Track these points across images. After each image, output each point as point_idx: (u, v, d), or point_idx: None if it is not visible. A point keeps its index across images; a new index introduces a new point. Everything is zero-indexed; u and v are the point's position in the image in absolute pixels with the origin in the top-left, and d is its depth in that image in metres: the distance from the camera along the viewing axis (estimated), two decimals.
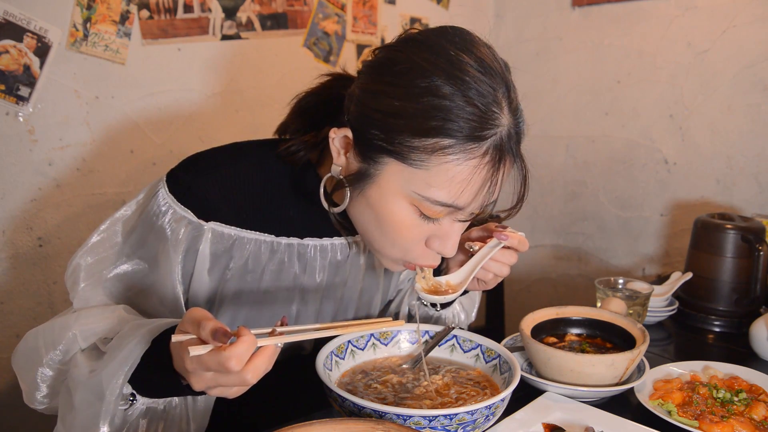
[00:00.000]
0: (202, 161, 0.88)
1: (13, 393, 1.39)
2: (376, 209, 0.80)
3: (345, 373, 0.91)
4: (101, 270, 0.87)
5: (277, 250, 0.90)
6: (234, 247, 0.88)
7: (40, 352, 0.81)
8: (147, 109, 1.48)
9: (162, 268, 0.86)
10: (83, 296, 0.86)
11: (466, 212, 0.79)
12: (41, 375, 0.82)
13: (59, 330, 0.81)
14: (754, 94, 1.69)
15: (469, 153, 0.73)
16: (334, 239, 0.95)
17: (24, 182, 1.33)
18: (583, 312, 1.08)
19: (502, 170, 0.78)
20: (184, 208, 0.84)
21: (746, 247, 1.32)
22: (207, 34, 1.54)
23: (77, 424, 0.75)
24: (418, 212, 0.78)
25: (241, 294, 0.91)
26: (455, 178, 0.74)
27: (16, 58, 1.27)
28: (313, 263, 0.94)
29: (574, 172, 2.12)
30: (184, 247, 0.85)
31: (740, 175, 1.74)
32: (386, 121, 0.75)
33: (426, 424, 0.72)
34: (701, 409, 0.90)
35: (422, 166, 0.74)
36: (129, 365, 0.72)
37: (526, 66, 2.20)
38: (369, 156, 0.78)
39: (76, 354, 0.80)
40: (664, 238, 1.92)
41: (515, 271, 2.32)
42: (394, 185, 0.77)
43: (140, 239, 0.87)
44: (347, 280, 0.99)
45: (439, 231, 0.81)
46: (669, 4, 1.81)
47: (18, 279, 1.35)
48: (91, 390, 0.73)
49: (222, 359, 0.60)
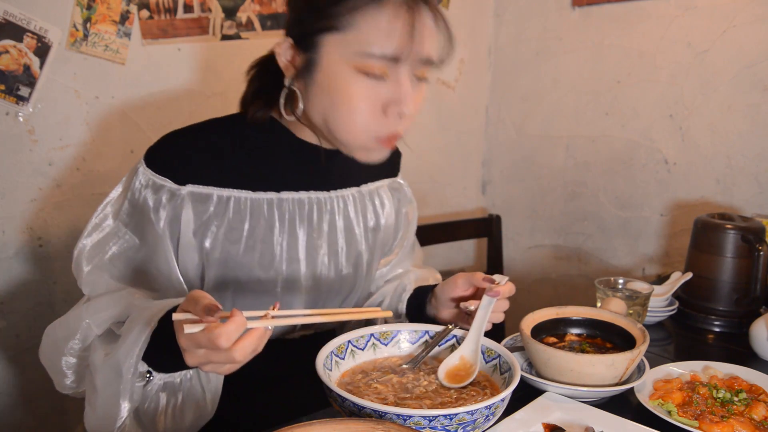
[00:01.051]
0: (175, 134, 0.95)
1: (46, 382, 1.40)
2: (328, 90, 0.87)
3: (345, 373, 0.91)
4: (100, 253, 0.93)
5: (256, 206, 0.96)
6: (214, 205, 0.93)
7: (60, 344, 0.88)
8: (147, 109, 1.48)
9: (151, 241, 0.92)
10: (89, 280, 0.92)
11: (406, 64, 0.85)
12: (66, 363, 0.89)
13: (74, 321, 0.87)
14: (754, 94, 1.69)
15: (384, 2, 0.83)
16: (310, 193, 1.01)
17: (24, 182, 1.33)
18: (583, 312, 1.08)
19: (419, 14, 0.84)
20: (162, 178, 0.91)
21: (746, 247, 1.32)
22: (207, 34, 1.54)
23: (100, 403, 0.82)
24: (363, 75, 0.85)
25: (228, 256, 0.95)
26: (379, 26, 0.82)
27: (16, 58, 1.27)
28: (292, 217, 0.99)
29: (574, 172, 2.12)
30: (167, 215, 0.91)
31: (740, 175, 1.74)
32: (312, 3, 0.86)
33: (426, 424, 0.72)
34: (701, 409, 0.90)
35: (351, 27, 0.83)
36: (140, 345, 0.78)
37: (526, 66, 2.20)
38: (309, 44, 0.87)
39: (94, 340, 0.86)
40: (664, 238, 1.92)
41: (515, 271, 2.33)
42: (336, 57, 0.85)
43: (128, 217, 0.93)
44: (327, 236, 1.04)
45: (391, 94, 0.87)
46: (669, 4, 1.81)
47: (18, 279, 1.35)
48: (109, 370, 0.80)
49: (212, 337, 0.66)
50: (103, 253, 0.93)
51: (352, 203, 1.08)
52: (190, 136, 0.95)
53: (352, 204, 1.08)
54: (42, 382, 1.41)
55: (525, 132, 2.25)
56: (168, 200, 0.91)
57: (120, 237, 0.94)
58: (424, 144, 2.16)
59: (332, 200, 1.05)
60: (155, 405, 0.85)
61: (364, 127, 0.89)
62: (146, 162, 0.93)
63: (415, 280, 1.19)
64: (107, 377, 0.80)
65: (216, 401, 0.90)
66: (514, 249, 2.33)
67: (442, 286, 1.05)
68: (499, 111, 2.32)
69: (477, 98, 2.31)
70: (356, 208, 1.09)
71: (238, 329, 0.67)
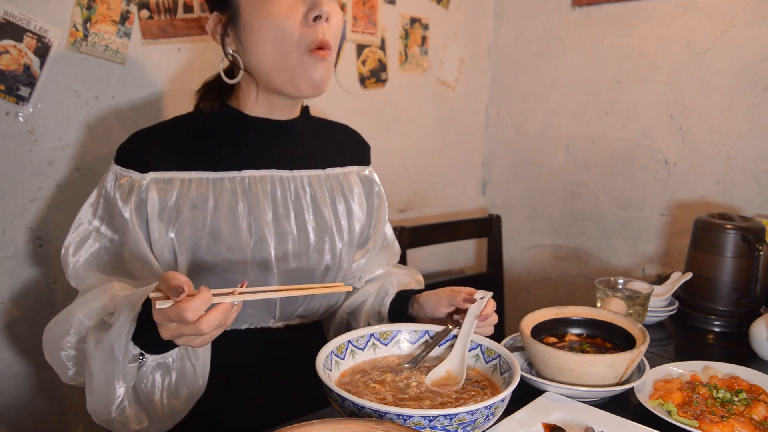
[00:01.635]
0: (139, 131, 1.04)
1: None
2: (253, 24, 0.95)
3: (345, 373, 0.91)
4: (81, 249, 1.00)
5: (218, 185, 1.01)
6: (177, 189, 0.99)
7: (58, 340, 0.93)
8: (147, 109, 1.48)
9: (123, 230, 0.98)
10: (75, 275, 0.99)
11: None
12: (66, 356, 0.94)
13: (67, 317, 0.92)
14: (754, 94, 1.69)
15: None
16: (272, 171, 1.05)
17: (24, 182, 1.33)
18: (583, 312, 1.08)
19: None
20: (127, 170, 0.99)
21: (746, 247, 1.32)
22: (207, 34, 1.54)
23: (96, 386, 0.87)
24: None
25: (196, 239, 1.00)
26: None
27: (16, 58, 1.27)
28: (255, 194, 1.03)
29: (574, 172, 2.12)
30: (134, 202, 0.97)
31: (740, 175, 1.74)
32: None
33: (426, 424, 0.72)
34: (701, 409, 0.90)
35: None
36: (127, 328, 0.84)
37: (526, 66, 2.20)
38: (225, 3, 0.97)
39: (87, 332, 0.91)
40: (664, 238, 1.92)
41: (515, 271, 2.33)
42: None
43: (104, 212, 1.00)
44: (294, 215, 1.07)
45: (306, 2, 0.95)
46: (669, 4, 1.82)
47: (18, 279, 1.35)
48: (102, 355, 0.86)
49: (180, 310, 0.72)
50: (85, 250, 1.00)
51: (318, 183, 1.10)
52: (151, 130, 1.04)
53: (317, 184, 1.10)
54: (42, 381, 1.41)
55: (525, 132, 2.25)
56: (133, 189, 0.98)
57: (100, 233, 1.01)
58: (424, 144, 2.16)
59: (296, 179, 1.08)
60: (151, 385, 0.91)
61: (292, 42, 0.95)
62: (115, 160, 1.01)
63: (398, 284, 1.19)
64: (101, 362, 0.86)
65: (206, 376, 0.95)
66: (514, 249, 2.33)
67: (426, 299, 1.06)
68: (499, 111, 2.32)
69: (477, 98, 2.31)
70: (322, 189, 1.11)
71: (204, 304, 0.74)
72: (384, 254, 1.29)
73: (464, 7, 2.16)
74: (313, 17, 0.94)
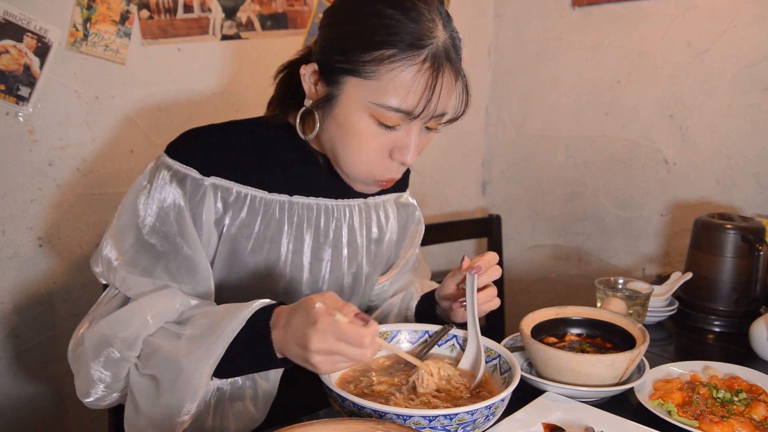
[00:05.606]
0: (196, 130, 0.98)
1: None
2: (341, 125, 0.91)
3: (345, 373, 0.91)
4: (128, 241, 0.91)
5: (269, 207, 0.98)
6: (232, 201, 0.95)
7: (110, 339, 0.84)
8: (147, 109, 1.48)
9: (179, 231, 0.91)
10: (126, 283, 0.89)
11: (419, 119, 0.89)
12: (109, 360, 0.85)
13: (128, 315, 0.85)
14: (754, 94, 1.69)
15: (411, 60, 0.85)
16: (319, 199, 1.04)
17: (24, 182, 1.33)
18: (583, 312, 1.08)
19: (442, 76, 0.87)
20: (186, 167, 0.92)
21: (746, 247, 1.32)
22: (207, 34, 1.54)
23: (162, 401, 0.81)
24: (376, 122, 0.89)
25: (236, 252, 0.97)
26: (401, 82, 0.85)
27: (16, 58, 1.27)
28: (301, 221, 1.01)
29: (574, 172, 2.12)
30: (191, 205, 0.92)
31: (740, 175, 1.74)
32: (342, 44, 0.88)
33: (426, 424, 0.72)
34: (701, 409, 0.90)
35: (374, 76, 0.86)
36: (222, 347, 0.79)
37: (526, 66, 2.20)
38: (332, 80, 0.90)
39: (149, 336, 0.84)
40: (664, 238, 1.92)
41: (515, 271, 2.33)
42: (354, 100, 0.89)
43: (157, 219, 0.91)
44: (332, 244, 1.06)
45: (398, 141, 0.91)
46: (669, 4, 1.81)
47: (18, 279, 1.35)
48: (179, 371, 0.80)
49: (362, 333, 0.71)
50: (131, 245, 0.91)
51: (357, 213, 1.10)
52: (210, 132, 0.98)
53: (357, 214, 1.10)
54: (42, 382, 1.41)
55: (525, 132, 2.25)
56: (193, 190, 0.92)
57: (150, 228, 0.91)
58: None
59: (339, 209, 1.07)
60: (205, 409, 0.87)
61: (367, 167, 0.93)
62: (171, 155, 0.93)
63: (421, 288, 1.20)
64: (177, 376, 0.80)
65: (268, 405, 0.92)
66: (514, 249, 2.33)
67: (438, 288, 1.08)
68: (499, 111, 2.32)
69: (477, 98, 2.31)
70: (361, 219, 1.11)
71: (376, 333, 0.73)
72: (410, 275, 1.29)
73: (464, 7, 2.16)
74: (398, 160, 0.92)
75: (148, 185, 0.92)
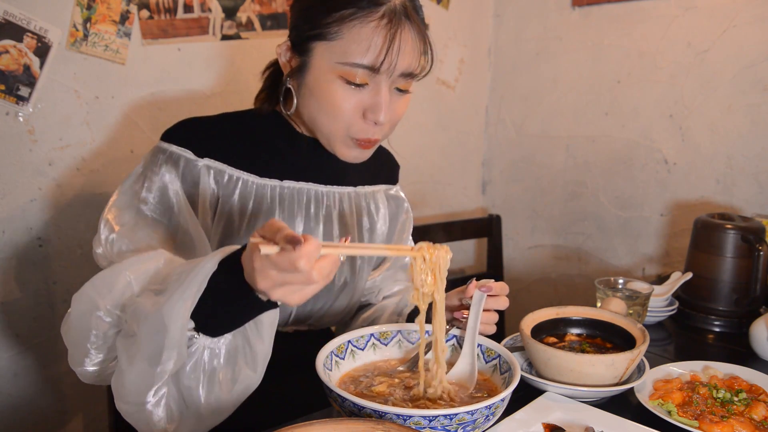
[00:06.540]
0: (191, 118, 1.03)
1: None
2: (314, 90, 0.96)
3: (345, 373, 0.91)
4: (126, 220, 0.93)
5: (260, 190, 1.02)
6: (224, 183, 0.99)
7: (96, 300, 0.80)
8: (147, 109, 1.48)
9: (179, 211, 0.95)
10: (122, 238, 0.90)
11: (383, 75, 0.93)
12: (97, 322, 0.80)
13: (112, 276, 0.81)
14: (754, 94, 1.69)
15: (369, 17, 0.91)
16: (309, 184, 1.07)
17: (24, 182, 1.33)
18: (583, 312, 1.08)
19: (400, 32, 0.92)
20: (182, 149, 0.97)
21: (746, 247, 1.32)
22: (207, 34, 1.54)
23: (140, 357, 0.76)
24: (345, 81, 0.93)
25: (228, 235, 1.00)
26: (361, 38, 0.91)
27: (16, 58, 1.27)
28: (291, 205, 1.05)
29: (574, 172, 2.12)
30: (185, 184, 0.96)
31: (740, 175, 1.74)
32: (307, 12, 0.95)
33: (426, 424, 0.72)
34: (701, 409, 0.90)
35: (337, 36, 0.92)
36: (197, 287, 0.74)
37: (526, 66, 2.20)
38: (303, 49, 0.96)
39: (133, 295, 0.81)
40: (664, 238, 1.92)
41: (515, 271, 2.33)
42: (323, 64, 0.94)
43: (154, 197, 0.95)
44: (323, 229, 1.08)
45: (369, 101, 0.95)
46: (669, 4, 1.81)
47: (18, 279, 1.35)
48: (156, 321, 0.75)
49: (293, 258, 0.65)
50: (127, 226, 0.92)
51: (347, 201, 1.13)
52: (203, 120, 1.03)
53: (347, 202, 1.13)
54: (42, 381, 1.41)
55: (525, 132, 2.25)
56: (187, 168, 0.97)
57: (146, 205, 0.94)
58: (424, 144, 2.16)
59: (329, 195, 1.10)
60: (196, 372, 0.80)
61: (343, 126, 0.97)
62: (167, 139, 0.99)
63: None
64: (153, 328, 0.75)
65: (265, 365, 0.85)
66: (514, 249, 2.33)
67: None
68: (499, 111, 2.32)
69: (477, 98, 2.31)
70: (351, 207, 1.14)
71: (316, 251, 0.67)
72: (403, 273, 1.30)
73: (464, 7, 2.16)
74: (372, 119, 0.95)
75: (145, 169, 0.97)
